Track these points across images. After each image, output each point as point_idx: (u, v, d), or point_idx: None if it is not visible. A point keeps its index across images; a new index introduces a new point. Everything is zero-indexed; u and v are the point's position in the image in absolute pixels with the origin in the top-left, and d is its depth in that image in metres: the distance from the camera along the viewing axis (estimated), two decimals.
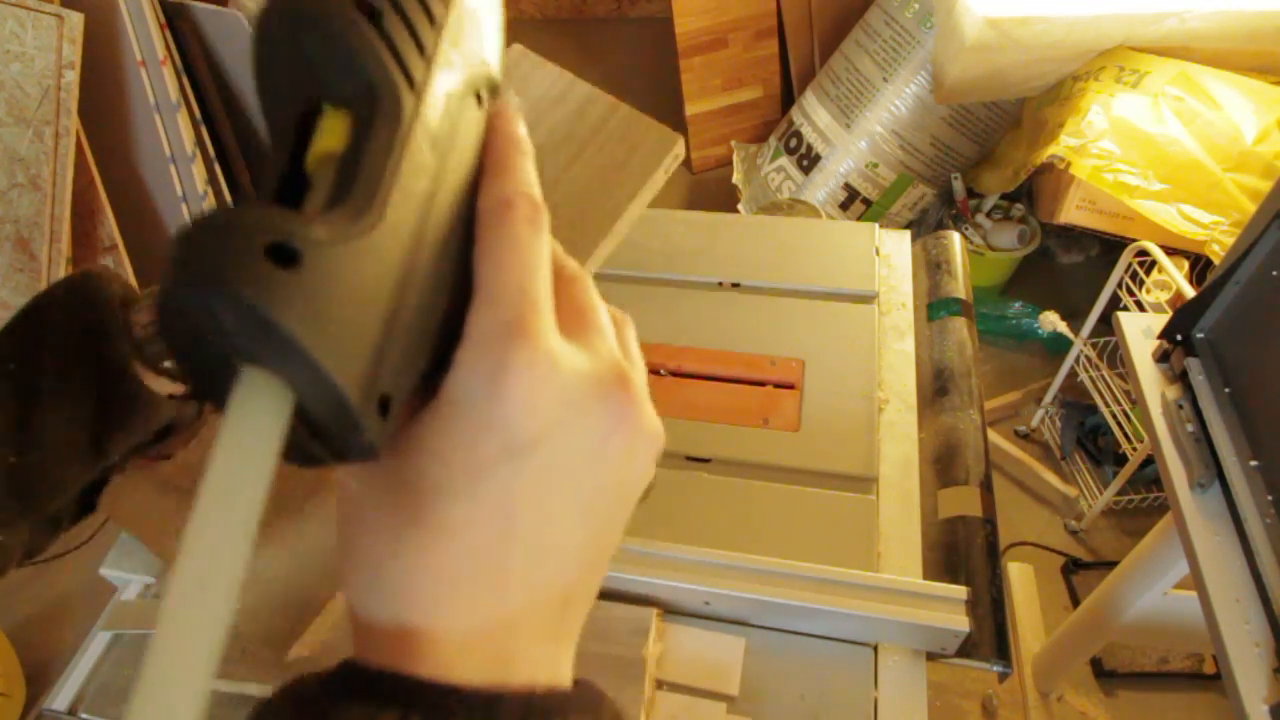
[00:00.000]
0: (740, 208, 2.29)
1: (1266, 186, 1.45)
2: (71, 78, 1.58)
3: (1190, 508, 0.85)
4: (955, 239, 1.08)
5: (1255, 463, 0.83)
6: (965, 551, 0.75)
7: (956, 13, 1.61)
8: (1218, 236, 1.48)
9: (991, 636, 0.69)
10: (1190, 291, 1.25)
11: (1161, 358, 0.97)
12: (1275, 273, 0.83)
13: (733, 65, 2.39)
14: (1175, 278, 1.33)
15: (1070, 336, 1.63)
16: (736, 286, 1.01)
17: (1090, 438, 1.75)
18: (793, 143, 2.20)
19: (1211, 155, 1.52)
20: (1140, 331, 1.00)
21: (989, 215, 2.03)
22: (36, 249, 1.59)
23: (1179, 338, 0.94)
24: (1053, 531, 1.69)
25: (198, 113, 1.88)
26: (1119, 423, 1.56)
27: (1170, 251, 1.39)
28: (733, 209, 2.28)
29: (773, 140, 2.30)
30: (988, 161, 2.03)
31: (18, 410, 0.38)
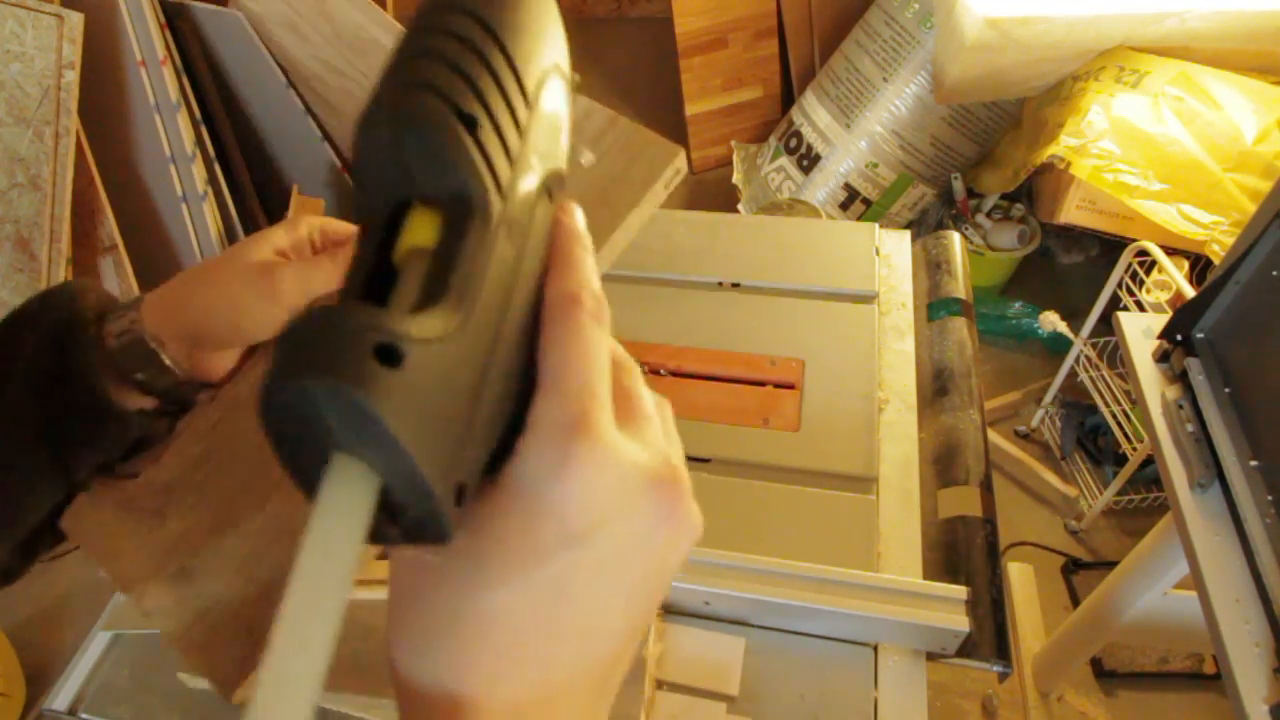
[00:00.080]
0: (740, 208, 2.29)
1: (1266, 186, 1.45)
2: (71, 78, 1.58)
3: (1190, 508, 0.85)
4: (955, 239, 1.08)
5: (1255, 463, 0.83)
6: (965, 551, 0.75)
7: (956, 13, 1.61)
8: (1218, 236, 1.48)
9: (991, 636, 0.69)
10: (1190, 291, 1.25)
11: (1161, 358, 0.97)
12: (1275, 273, 0.84)
13: (733, 65, 2.39)
14: (1175, 278, 1.33)
15: (1070, 336, 1.63)
16: (736, 286, 1.01)
17: (1090, 438, 1.75)
18: (793, 143, 2.20)
19: (1211, 155, 1.52)
20: (1140, 331, 1.00)
21: (989, 215, 2.03)
22: (36, 249, 1.59)
23: (1179, 338, 0.94)
24: (1053, 531, 1.69)
25: (198, 113, 1.88)
26: (1119, 423, 1.56)
27: (1170, 251, 1.39)
28: (733, 209, 2.28)
29: (773, 140, 2.30)
30: (988, 161, 2.03)
31: None
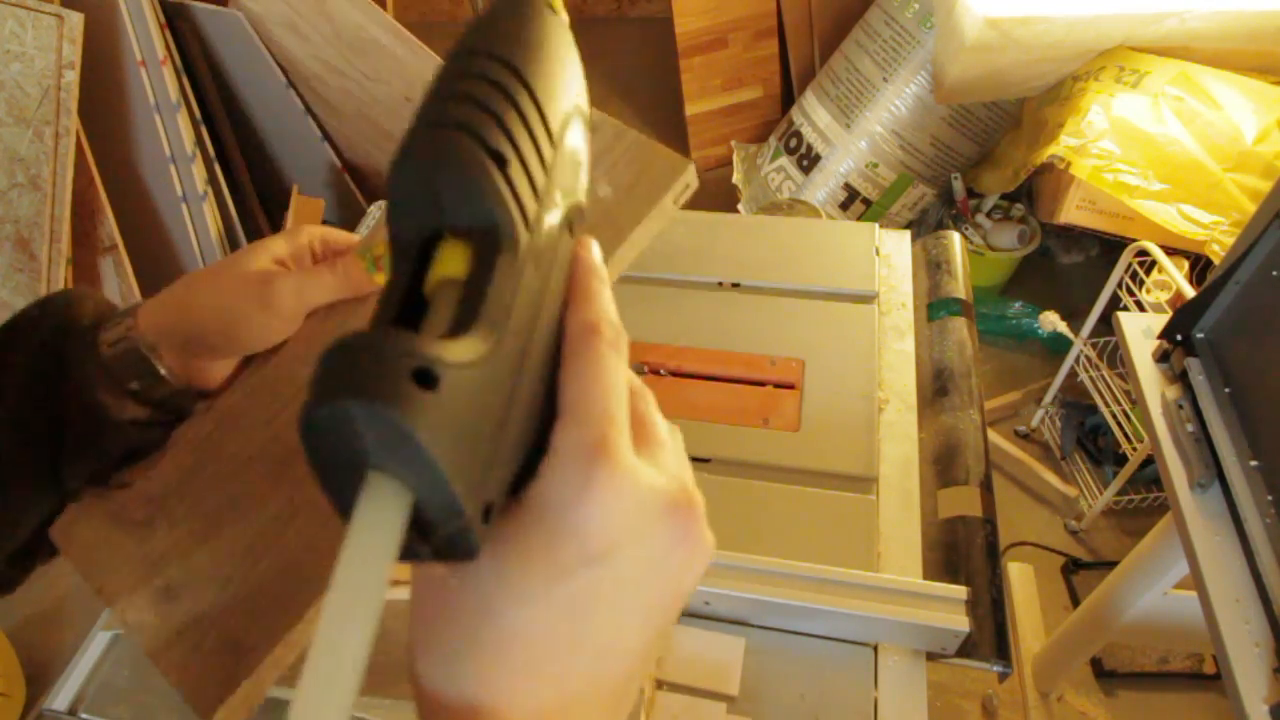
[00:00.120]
0: (740, 208, 2.29)
1: (1266, 186, 1.45)
2: (71, 78, 1.58)
3: (1190, 508, 0.85)
4: (955, 239, 1.08)
5: (1255, 463, 0.83)
6: (965, 551, 0.75)
7: (956, 13, 1.61)
8: (1218, 236, 1.48)
9: (991, 636, 0.69)
10: (1190, 291, 1.25)
11: (1161, 358, 0.97)
12: (1275, 273, 0.84)
13: (733, 65, 2.39)
14: (1175, 278, 1.33)
15: (1070, 336, 1.63)
16: (736, 286, 1.01)
17: (1090, 438, 1.75)
18: (793, 143, 2.20)
19: (1211, 155, 1.52)
20: (1140, 331, 1.00)
21: (989, 215, 2.03)
22: (36, 249, 1.59)
23: (1179, 338, 0.94)
24: (1053, 531, 1.69)
25: (198, 113, 1.88)
26: (1119, 423, 1.56)
27: (1170, 251, 1.39)
28: (733, 209, 2.28)
29: (773, 140, 2.30)
30: (988, 161, 2.03)
31: None
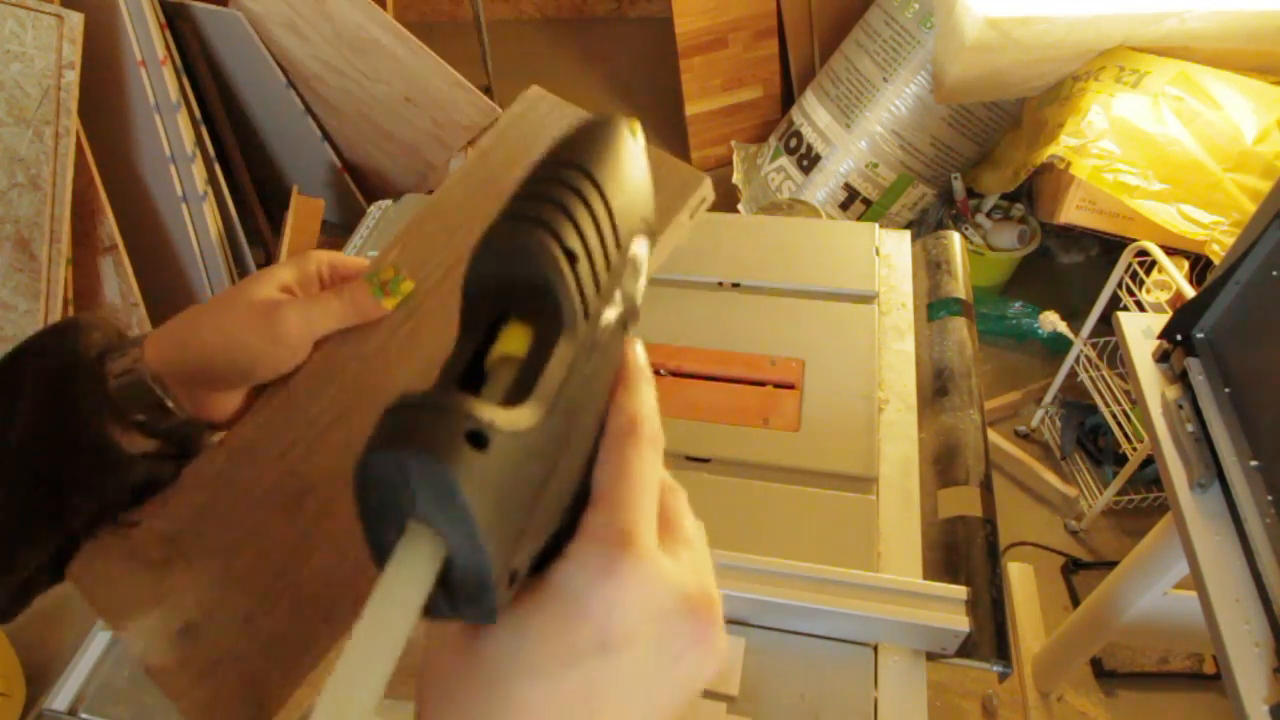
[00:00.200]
0: (740, 208, 2.29)
1: (1266, 186, 1.45)
2: (71, 78, 1.58)
3: (1190, 508, 0.85)
4: (955, 239, 1.08)
5: (1255, 463, 0.83)
6: (965, 551, 0.75)
7: (956, 13, 1.61)
8: (1218, 236, 1.48)
9: (991, 636, 0.69)
10: (1190, 291, 1.25)
11: (1161, 358, 0.97)
12: (1275, 273, 0.83)
13: (733, 65, 2.39)
14: (1175, 278, 1.33)
15: (1070, 336, 1.63)
16: (736, 286, 1.01)
17: (1090, 438, 1.75)
18: (793, 143, 2.20)
19: (1211, 155, 1.52)
20: (1140, 331, 1.00)
21: (989, 215, 2.03)
22: (36, 249, 1.59)
23: (1179, 338, 0.94)
24: (1053, 531, 1.69)
25: (198, 113, 1.88)
26: (1119, 423, 1.56)
27: (1170, 251, 1.39)
28: (733, 209, 2.29)
29: (773, 140, 2.30)
30: (988, 161, 2.03)
31: None
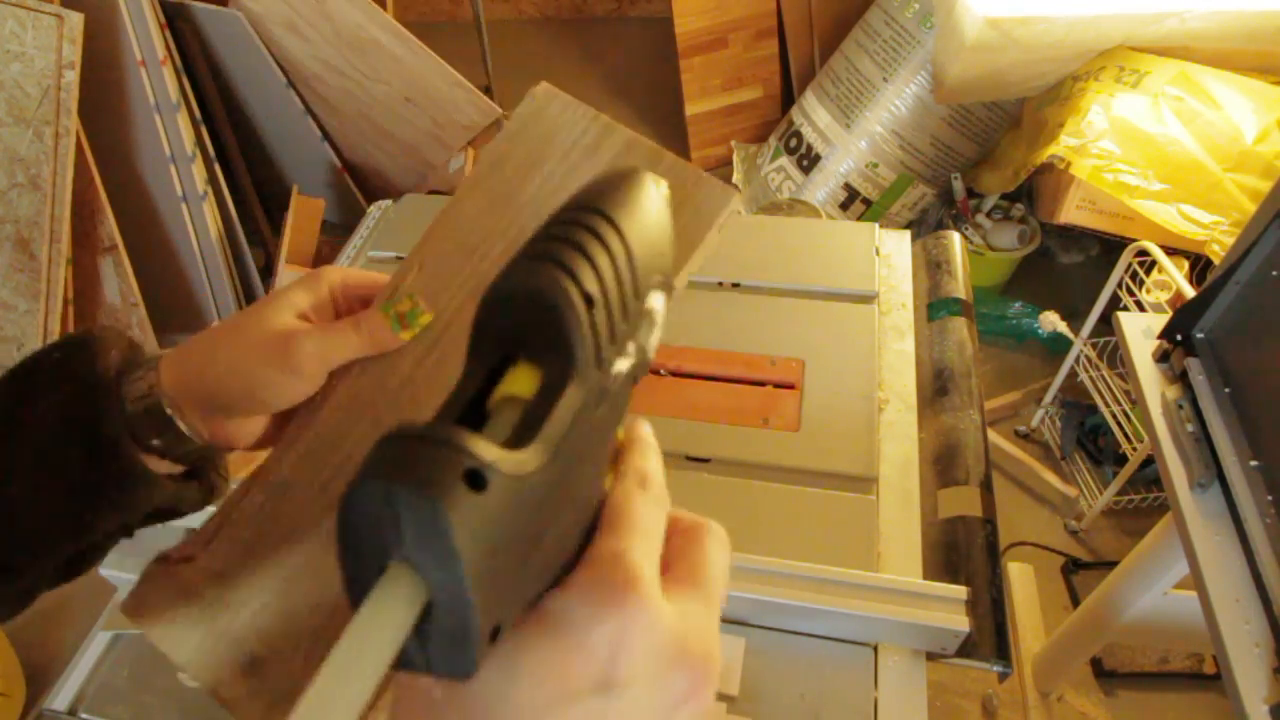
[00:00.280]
0: (740, 208, 2.29)
1: (1266, 186, 1.45)
2: (71, 78, 1.58)
3: (1190, 508, 0.85)
4: (955, 239, 1.08)
5: (1255, 463, 0.83)
6: (965, 551, 0.75)
7: (956, 13, 1.61)
8: (1218, 236, 1.48)
9: (991, 636, 0.69)
10: (1190, 291, 1.25)
11: (1161, 358, 0.97)
12: (1275, 273, 0.83)
13: (733, 65, 2.39)
14: (1175, 278, 1.33)
15: (1070, 336, 1.63)
16: (736, 286, 1.01)
17: (1090, 438, 1.75)
18: (793, 143, 2.20)
19: (1211, 155, 1.52)
20: (1140, 331, 1.00)
21: (989, 215, 2.03)
22: (36, 249, 1.59)
23: (1179, 338, 0.94)
24: (1053, 531, 1.69)
25: (198, 113, 1.88)
26: (1119, 423, 1.56)
27: (1170, 251, 1.39)
28: None
29: (773, 140, 2.30)
30: (988, 161, 2.03)
31: None
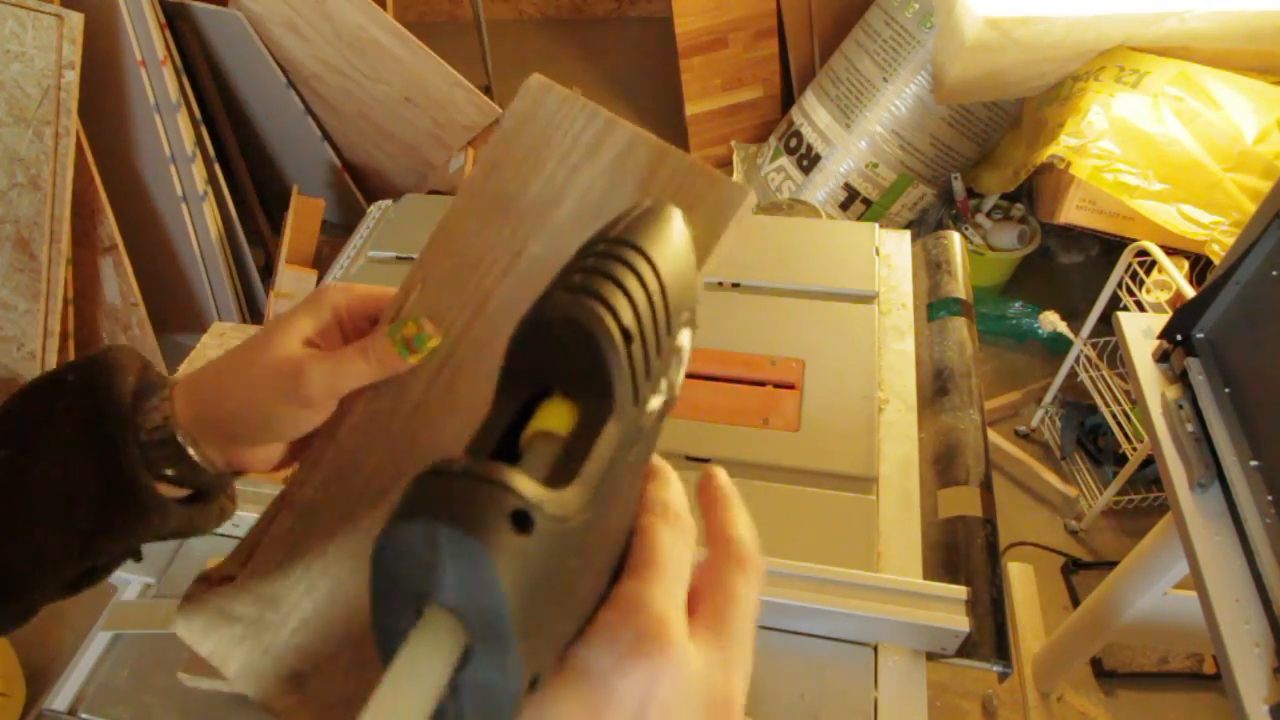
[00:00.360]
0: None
1: (1266, 186, 1.45)
2: (71, 78, 1.58)
3: (1190, 508, 0.85)
4: (955, 239, 1.08)
5: (1255, 463, 0.83)
6: (965, 551, 0.75)
7: (956, 13, 1.61)
8: (1218, 236, 1.48)
9: (991, 636, 0.69)
10: (1190, 291, 1.25)
11: (1161, 358, 0.97)
12: (1275, 273, 0.83)
13: (733, 65, 2.39)
14: (1175, 278, 1.33)
15: (1070, 336, 1.63)
16: (736, 286, 1.01)
17: (1090, 438, 1.75)
18: (793, 143, 2.20)
19: (1211, 155, 1.52)
20: (1140, 331, 1.00)
21: (989, 215, 2.03)
22: (36, 249, 1.59)
23: (1179, 338, 0.94)
24: (1053, 531, 1.69)
25: (198, 113, 1.88)
26: (1119, 423, 1.56)
27: (1170, 251, 1.39)
28: None
29: (773, 140, 2.30)
30: (988, 161, 2.03)
31: (3, 502, 0.35)
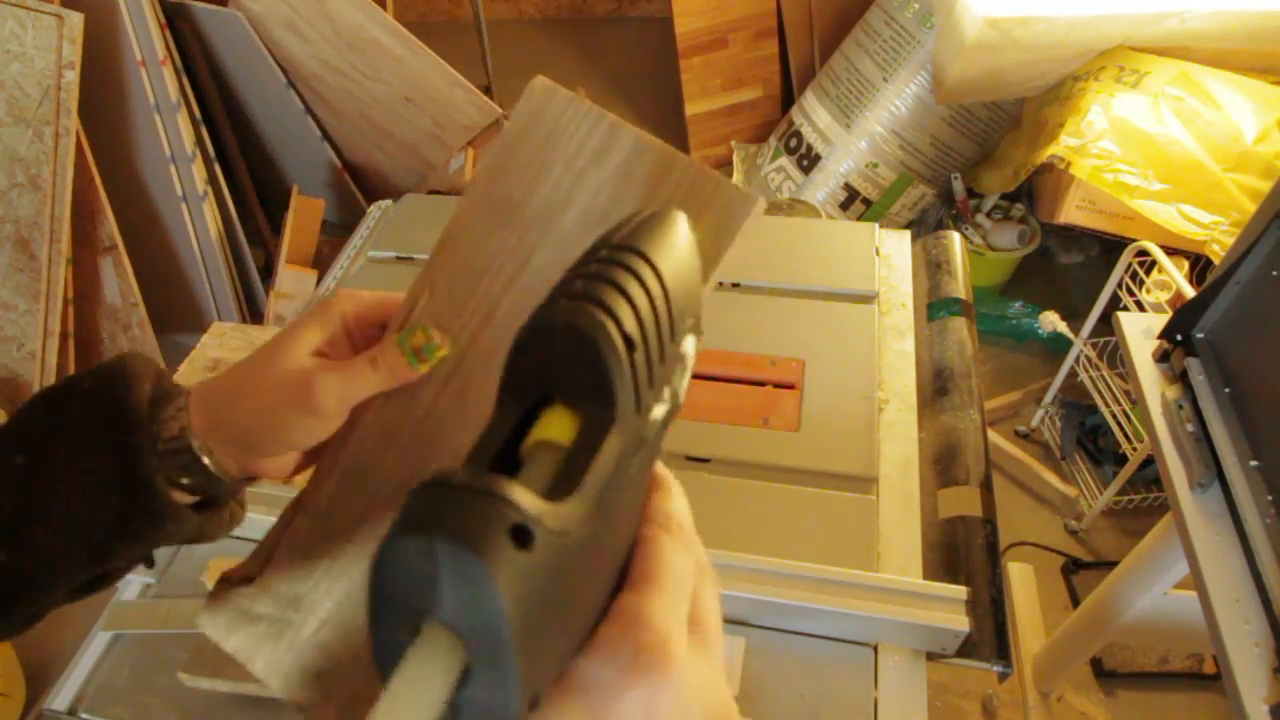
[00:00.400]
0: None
1: (1266, 186, 1.45)
2: (71, 78, 1.58)
3: (1190, 508, 0.85)
4: (955, 239, 1.08)
5: (1255, 463, 0.83)
6: (965, 551, 0.75)
7: (956, 13, 1.61)
8: (1218, 236, 1.48)
9: (991, 636, 0.69)
10: (1190, 291, 1.25)
11: (1161, 358, 0.97)
12: (1275, 273, 0.83)
13: (733, 65, 2.39)
14: (1175, 278, 1.33)
15: (1070, 336, 1.63)
16: (736, 286, 1.01)
17: (1090, 438, 1.75)
18: (793, 143, 2.20)
19: (1211, 155, 1.52)
20: (1140, 331, 1.00)
21: (989, 215, 2.03)
22: (36, 249, 1.59)
23: (1179, 338, 0.94)
24: (1053, 531, 1.69)
25: (198, 113, 1.88)
26: (1119, 423, 1.56)
27: (1170, 251, 1.39)
28: None
29: (773, 140, 2.30)
30: (988, 161, 2.03)
31: (18, 508, 0.35)
